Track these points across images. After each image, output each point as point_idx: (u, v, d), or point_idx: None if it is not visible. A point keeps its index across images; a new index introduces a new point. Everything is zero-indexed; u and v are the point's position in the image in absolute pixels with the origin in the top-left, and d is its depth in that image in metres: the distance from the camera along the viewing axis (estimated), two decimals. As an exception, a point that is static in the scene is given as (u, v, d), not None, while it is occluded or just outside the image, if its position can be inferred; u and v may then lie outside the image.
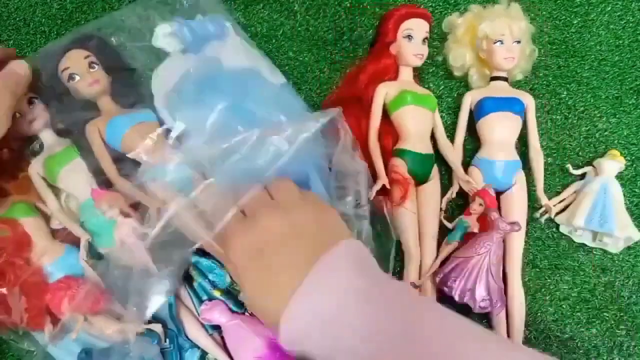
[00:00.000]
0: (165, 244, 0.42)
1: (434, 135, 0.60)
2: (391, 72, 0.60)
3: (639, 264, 0.60)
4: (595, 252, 0.60)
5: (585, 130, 0.63)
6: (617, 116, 0.63)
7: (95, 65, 0.51)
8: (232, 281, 0.50)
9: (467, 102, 0.60)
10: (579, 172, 0.61)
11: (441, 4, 0.64)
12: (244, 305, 0.52)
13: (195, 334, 0.51)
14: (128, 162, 0.49)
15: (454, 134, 0.61)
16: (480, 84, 0.62)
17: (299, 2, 0.63)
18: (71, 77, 0.50)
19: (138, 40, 0.53)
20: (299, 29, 0.63)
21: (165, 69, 0.53)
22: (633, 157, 0.62)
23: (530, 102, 0.59)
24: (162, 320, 0.50)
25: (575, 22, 0.65)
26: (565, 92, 0.64)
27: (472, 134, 0.61)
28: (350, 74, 0.61)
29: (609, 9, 0.66)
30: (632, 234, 0.57)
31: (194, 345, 0.51)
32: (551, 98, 0.64)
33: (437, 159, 0.59)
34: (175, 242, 0.42)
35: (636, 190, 0.62)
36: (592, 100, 0.64)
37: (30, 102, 0.51)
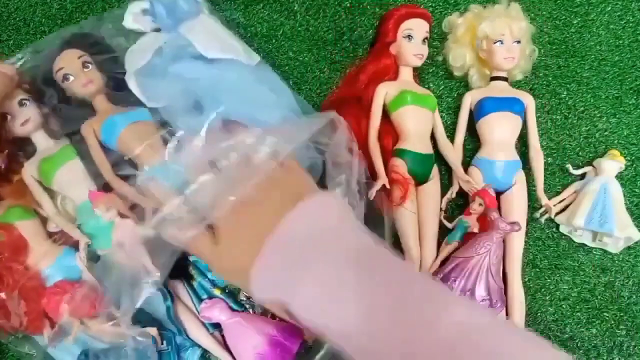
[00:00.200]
0: (165, 244, 0.42)
1: (434, 135, 0.60)
2: (391, 72, 0.60)
3: (639, 264, 0.60)
4: (595, 252, 0.60)
5: (585, 130, 0.63)
6: (617, 116, 0.63)
7: (89, 65, 0.51)
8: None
9: (467, 102, 0.60)
10: (579, 172, 0.61)
11: (441, 4, 0.64)
12: (244, 304, 0.52)
13: (196, 333, 0.51)
14: (125, 164, 0.49)
15: (454, 134, 0.61)
16: (480, 84, 0.62)
17: (299, 2, 0.63)
18: (65, 78, 0.50)
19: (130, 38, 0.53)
20: (299, 29, 0.63)
21: (139, 45, 0.52)
22: (633, 157, 0.62)
23: (530, 102, 0.59)
24: (159, 322, 0.50)
25: (575, 22, 0.65)
26: (565, 92, 0.64)
27: (472, 134, 0.61)
28: (350, 74, 0.61)
29: (609, 9, 0.66)
30: (632, 234, 0.57)
31: (195, 345, 0.51)
32: (551, 98, 0.64)
33: (437, 159, 0.59)
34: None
35: (636, 190, 0.62)
36: (592, 100, 0.64)
37: (21, 104, 0.50)
